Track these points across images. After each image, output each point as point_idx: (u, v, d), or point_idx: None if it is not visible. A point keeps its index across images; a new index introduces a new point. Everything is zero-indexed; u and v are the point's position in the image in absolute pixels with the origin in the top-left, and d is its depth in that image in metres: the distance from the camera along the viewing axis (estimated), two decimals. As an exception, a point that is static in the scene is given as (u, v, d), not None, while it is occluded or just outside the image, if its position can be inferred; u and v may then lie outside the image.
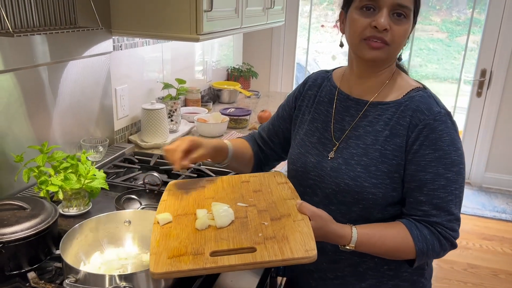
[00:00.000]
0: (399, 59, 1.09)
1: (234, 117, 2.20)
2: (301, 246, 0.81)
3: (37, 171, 1.19)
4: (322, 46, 4.82)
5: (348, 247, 0.94)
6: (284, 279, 1.40)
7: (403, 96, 1.02)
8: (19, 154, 1.21)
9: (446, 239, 0.96)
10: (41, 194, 1.17)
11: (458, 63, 3.64)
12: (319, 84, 1.17)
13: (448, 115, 0.98)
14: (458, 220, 0.97)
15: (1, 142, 1.26)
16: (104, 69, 1.68)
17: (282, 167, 1.76)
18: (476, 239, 3.05)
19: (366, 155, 1.01)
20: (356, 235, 0.94)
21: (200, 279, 0.98)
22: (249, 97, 2.89)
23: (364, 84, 1.06)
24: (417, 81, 1.07)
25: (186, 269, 0.77)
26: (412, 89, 1.03)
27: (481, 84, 3.52)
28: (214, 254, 0.81)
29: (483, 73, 3.49)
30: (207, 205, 0.97)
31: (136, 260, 1.00)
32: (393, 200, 1.01)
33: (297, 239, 0.83)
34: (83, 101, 1.59)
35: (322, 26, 4.71)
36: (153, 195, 1.32)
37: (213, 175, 1.58)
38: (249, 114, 2.25)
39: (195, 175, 1.59)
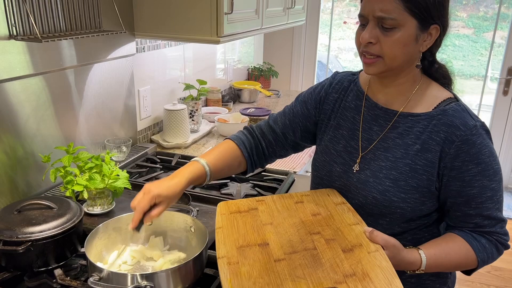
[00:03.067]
0: (431, 63, 1.01)
1: (254, 117, 2.22)
2: (387, 285, 0.77)
3: (63, 171, 1.24)
4: (344, 43, 4.78)
5: (417, 272, 0.94)
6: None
7: (434, 108, 0.99)
8: (47, 155, 1.26)
9: (502, 244, 0.98)
10: (67, 194, 1.21)
11: (485, 60, 3.56)
12: (345, 87, 1.12)
13: (483, 126, 0.96)
14: (505, 222, 0.99)
15: (30, 143, 1.31)
16: (128, 71, 1.72)
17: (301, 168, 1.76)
18: (501, 240, 2.98)
19: (396, 168, 0.98)
20: (425, 258, 0.93)
21: (216, 281, 1.00)
22: (269, 96, 2.90)
23: (388, 93, 1.03)
24: (448, 91, 1.02)
25: None
26: (444, 101, 0.99)
27: (508, 82, 3.43)
28: None
29: (510, 71, 3.40)
30: (267, 233, 0.93)
31: (157, 260, 1.03)
32: (420, 214, 1.00)
33: (379, 276, 0.79)
34: (107, 102, 1.63)
35: (345, 22, 4.67)
36: (174, 195, 1.35)
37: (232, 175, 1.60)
38: (268, 114, 2.26)
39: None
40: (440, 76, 1.03)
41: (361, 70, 1.13)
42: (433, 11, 0.92)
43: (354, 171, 1.03)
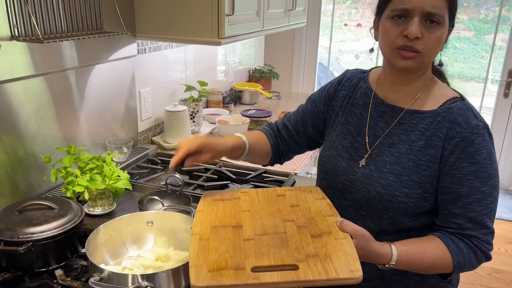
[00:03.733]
0: (440, 64, 1.07)
1: (255, 119, 2.22)
2: (346, 266, 0.79)
3: (64, 172, 1.24)
4: (345, 45, 4.79)
5: (387, 266, 0.92)
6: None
7: (440, 106, 1.00)
8: (48, 155, 1.26)
9: (482, 251, 0.95)
10: (68, 194, 1.22)
11: (485, 62, 3.56)
12: (354, 85, 1.14)
13: (486, 127, 0.96)
14: (492, 233, 0.97)
15: (31, 144, 1.31)
16: (129, 72, 1.72)
17: (304, 168, 1.77)
18: (502, 243, 2.98)
19: (399, 164, 1.00)
20: (396, 253, 0.92)
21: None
22: (270, 98, 2.90)
23: (398, 91, 1.04)
24: (454, 90, 1.04)
25: (228, 284, 0.76)
26: (449, 99, 1.01)
27: (509, 84, 3.43)
28: (255, 269, 0.79)
29: (510, 73, 3.40)
30: (243, 218, 0.96)
31: (158, 260, 1.03)
32: (423, 210, 1.00)
33: (341, 258, 0.81)
34: (108, 103, 1.64)
35: (346, 24, 4.67)
36: (175, 196, 1.36)
37: (233, 176, 1.61)
38: (270, 116, 2.26)
39: (216, 176, 1.62)
40: (444, 75, 1.07)
41: (372, 69, 1.15)
42: (455, 12, 0.97)
43: (360, 166, 1.04)
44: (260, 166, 1.69)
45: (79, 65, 1.45)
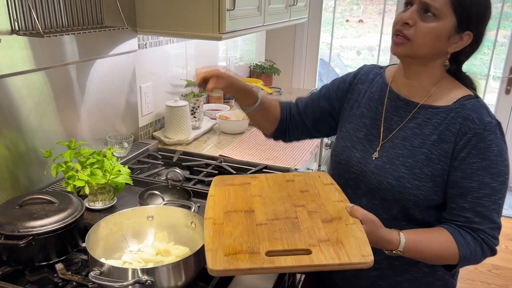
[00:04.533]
0: (458, 69, 1.05)
1: (256, 114, 2.21)
2: (357, 251, 0.81)
3: (65, 167, 1.24)
4: (346, 41, 4.77)
5: (395, 252, 0.95)
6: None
7: (454, 102, 1.02)
8: (48, 150, 1.26)
9: (488, 245, 0.97)
10: (68, 189, 1.22)
11: (487, 59, 3.54)
12: (370, 79, 1.16)
13: (498, 125, 0.98)
14: (499, 228, 0.98)
15: (32, 138, 1.31)
16: (130, 67, 1.72)
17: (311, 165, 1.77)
18: (502, 240, 2.96)
19: (412, 156, 1.02)
20: (404, 240, 0.94)
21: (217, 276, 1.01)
22: (271, 94, 2.89)
23: (411, 86, 1.06)
24: (469, 89, 1.05)
25: (244, 268, 0.78)
26: (464, 96, 1.02)
27: (510, 81, 3.42)
28: (269, 254, 0.81)
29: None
30: (255, 202, 0.99)
31: (158, 255, 1.03)
32: (434, 203, 1.02)
33: (352, 243, 0.83)
34: (109, 98, 1.63)
35: (347, 20, 4.65)
36: (175, 190, 1.36)
37: (234, 171, 1.61)
38: (270, 111, 2.26)
39: (216, 171, 1.62)
40: (464, 79, 1.06)
41: (388, 65, 1.19)
42: (473, 18, 0.96)
43: (373, 158, 1.07)
44: (261, 162, 1.69)
45: (80, 59, 1.45)
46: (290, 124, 1.26)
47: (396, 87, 1.10)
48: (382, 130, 1.09)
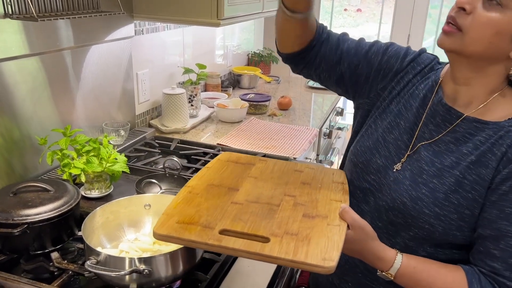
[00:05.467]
0: None
1: (254, 103, 2.20)
2: (320, 253, 0.71)
3: (60, 154, 1.22)
4: (344, 30, 4.73)
5: (385, 274, 0.81)
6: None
7: (509, 119, 0.81)
8: (43, 137, 1.24)
9: None
10: (64, 177, 1.20)
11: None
12: (424, 73, 0.95)
13: None
14: None
15: (26, 125, 1.29)
16: (126, 53, 1.69)
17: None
18: None
19: (439, 177, 0.83)
20: (399, 263, 0.80)
21: (218, 264, 0.99)
22: (269, 82, 2.87)
23: (457, 91, 0.86)
24: None
25: (186, 239, 0.73)
26: None
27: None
28: (224, 232, 0.75)
29: None
30: (245, 182, 0.92)
31: (156, 244, 1.01)
32: (453, 241, 0.84)
33: (320, 244, 0.73)
34: (105, 85, 1.61)
35: (345, 9, 4.61)
36: (173, 179, 1.34)
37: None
38: (269, 100, 2.24)
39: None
40: None
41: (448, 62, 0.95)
42: None
43: (394, 170, 0.90)
44: (259, 150, 1.68)
45: (75, 45, 1.42)
46: (317, 57, 1.00)
47: (445, 89, 0.89)
48: (415, 138, 0.90)
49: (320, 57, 1.01)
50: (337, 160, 2.50)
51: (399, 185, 0.87)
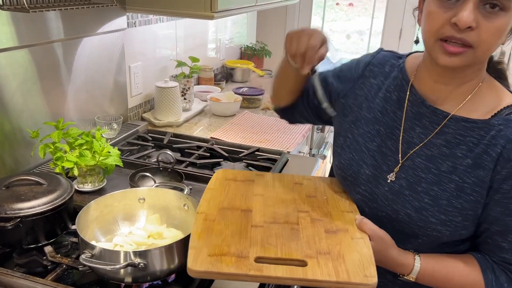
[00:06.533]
0: (499, 61, 0.85)
1: (247, 97, 2.19)
2: (360, 270, 0.71)
3: (52, 147, 1.21)
4: (336, 25, 4.72)
5: (407, 278, 0.84)
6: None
7: (494, 115, 0.81)
8: (35, 130, 1.22)
9: None
10: (57, 170, 1.18)
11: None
12: (386, 73, 0.93)
13: None
14: None
15: (17, 118, 1.27)
16: (118, 46, 1.67)
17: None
18: None
19: (439, 184, 0.82)
20: (419, 266, 0.82)
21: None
22: (262, 76, 2.86)
23: (441, 90, 0.84)
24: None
25: (227, 272, 0.71)
26: (507, 106, 0.81)
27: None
28: (259, 260, 0.74)
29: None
30: (255, 201, 0.91)
31: (150, 237, 1.01)
32: (459, 238, 0.85)
33: (355, 260, 0.73)
34: (97, 78, 1.59)
35: (337, 4, 4.60)
36: (167, 173, 1.34)
37: (226, 154, 1.58)
38: (262, 94, 2.23)
39: (208, 154, 1.59)
40: (496, 72, 0.85)
41: (409, 54, 0.95)
42: None
43: (388, 180, 0.88)
44: (253, 144, 1.68)
45: (66, 37, 1.40)
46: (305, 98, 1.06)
47: (421, 88, 0.87)
48: (401, 143, 0.87)
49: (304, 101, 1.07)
50: (329, 154, 2.51)
51: (398, 196, 0.86)
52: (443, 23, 0.74)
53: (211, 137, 1.75)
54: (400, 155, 0.87)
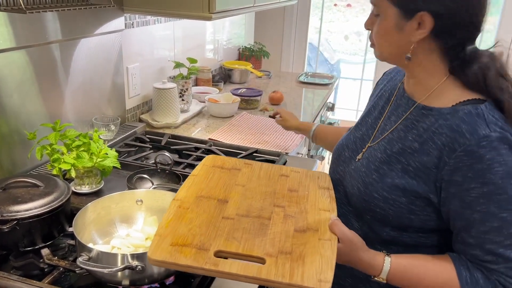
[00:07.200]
0: (463, 64, 0.85)
1: (245, 98, 2.19)
2: (316, 274, 0.71)
3: (49, 149, 1.20)
4: (334, 26, 4.73)
5: (377, 279, 0.84)
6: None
7: (453, 106, 0.84)
8: (32, 132, 1.21)
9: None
10: (54, 172, 1.18)
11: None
12: (391, 78, 1.07)
13: (502, 140, 0.77)
14: None
15: (15, 119, 1.26)
16: (116, 47, 1.67)
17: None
18: None
19: (388, 163, 0.89)
20: (388, 266, 0.83)
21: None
22: (260, 77, 2.86)
23: (412, 83, 0.93)
24: (482, 93, 0.84)
25: (183, 264, 0.71)
26: (467, 100, 0.83)
27: (498, 67, 3.43)
28: (219, 254, 0.74)
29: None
30: (234, 192, 0.91)
31: (148, 239, 1.00)
32: (412, 224, 0.87)
33: (314, 263, 0.73)
34: (95, 79, 1.58)
35: (335, 5, 4.61)
36: (165, 174, 1.33)
37: (224, 155, 1.58)
38: (260, 95, 2.23)
39: (205, 155, 1.59)
40: (473, 79, 0.84)
41: None
42: (408, 2, 0.82)
43: (357, 160, 0.98)
44: (251, 145, 1.67)
45: (63, 38, 1.39)
46: None
47: (405, 83, 0.97)
48: (376, 130, 0.98)
49: None
50: (328, 155, 2.51)
51: (357, 172, 0.96)
52: None
53: (209, 139, 1.74)
54: (371, 139, 0.98)
